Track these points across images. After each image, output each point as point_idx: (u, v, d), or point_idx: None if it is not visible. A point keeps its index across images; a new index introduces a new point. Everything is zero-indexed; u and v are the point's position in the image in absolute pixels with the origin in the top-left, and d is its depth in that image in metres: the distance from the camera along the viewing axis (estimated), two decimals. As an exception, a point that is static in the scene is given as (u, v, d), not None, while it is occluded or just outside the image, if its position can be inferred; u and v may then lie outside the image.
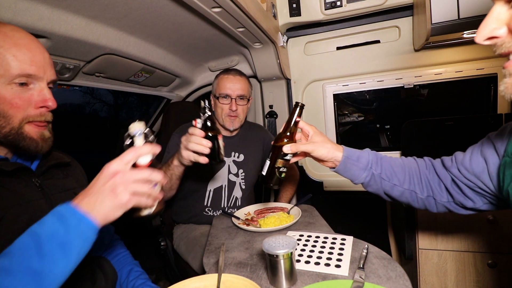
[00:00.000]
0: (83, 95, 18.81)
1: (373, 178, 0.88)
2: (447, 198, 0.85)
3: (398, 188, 0.88)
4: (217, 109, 1.46)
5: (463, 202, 0.83)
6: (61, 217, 0.57)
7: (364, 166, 0.88)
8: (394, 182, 0.88)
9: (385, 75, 1.80)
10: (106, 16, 1.14)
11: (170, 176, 1.18)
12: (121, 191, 0.59)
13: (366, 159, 0.88)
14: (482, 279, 1.23)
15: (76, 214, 0.57)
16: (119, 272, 0.97)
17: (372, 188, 0.91)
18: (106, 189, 0.59)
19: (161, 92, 2.07)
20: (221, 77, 1.47)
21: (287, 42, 1.90)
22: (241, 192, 1.55)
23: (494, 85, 1.64)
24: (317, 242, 0.95)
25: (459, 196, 0.82)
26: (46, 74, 0.71)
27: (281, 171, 0.89)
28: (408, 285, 0.69)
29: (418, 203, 0.89)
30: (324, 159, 0.89)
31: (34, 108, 0.70)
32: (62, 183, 0.82)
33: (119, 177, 0.60)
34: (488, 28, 0.49)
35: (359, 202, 1.94)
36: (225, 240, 1.06)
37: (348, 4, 1.64)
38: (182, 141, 1.04)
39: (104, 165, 0.62)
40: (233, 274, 0.73)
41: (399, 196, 0.90)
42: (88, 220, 0.57)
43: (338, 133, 1.98)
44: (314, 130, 0.91)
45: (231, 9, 1.07)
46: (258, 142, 1.63)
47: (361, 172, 0.88)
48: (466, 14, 1.28)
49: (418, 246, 1.30)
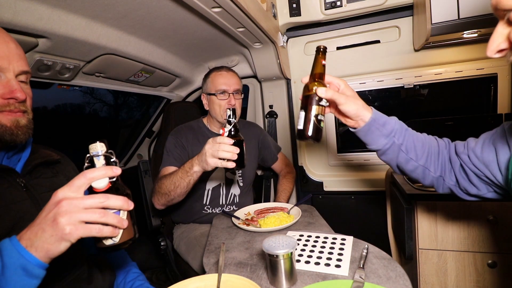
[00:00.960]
0: (83, 95, 18.85)
1: (392, 147, 0.84)
2: (454, 182, 0.86)
3: (413, 162, 0.85)
4: (214, 106, 1.47)
5: (468, 188, 0.83)
6: (0, 252, 0.53)
7: (387, 133, 0.83)
8: (411, 156, 0.85)
9: (385, 75, 1.80)
10: (106, 16, 1.14)
11: (188, 182, 1.20)
12: (64, 222, 0.52)
13: (392, 127, 0.84)
14: (482, 279, 1.23)
15: (13, 249, 0.52)
16: (116, 273, 0.96)
17: (386, 157, 0.87)
18: (48, 219, 0.53)
19: (161, 92, 2.07)
20: (214, 74, 1.49)
21: (287, 42, 1.90)
22: (239, 190, 1.55)
23: (494, 85, 1.64)
24: (317, 242, 0.95)
25: (464, 181, 0.83)
26: (11, 64, 0.69)
27: (319, 119, 0.81)
28: (408, 285, 0.69)
29: (427, 181, 0.88)
30: (351, 116, 0.83)
31: (2, 98, 0.67)
32: (50, 182, 0.79)
33: (64, 205, 0.53)
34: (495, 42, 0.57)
35: (359, 202, 1.94)
36: (225, 240, 1.06)
37: (348, 4, 1.64)
38: (206, 150, 1.08)
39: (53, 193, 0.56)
40: (233, 274, 0.73)
41: (410, 171, 0.88)
42: (27, 255, 0.52)
43: (338, 133, 1.99)
44: (345, 84, 0.84)
45: (231, 9, 1.07)
46: (253, 139, 1.65)
47: (382, 139, 0.84)
48: (466, 14, 1.28)
49: (418, 246, 1.30)
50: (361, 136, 0.86)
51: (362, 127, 0.84)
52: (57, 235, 0.52)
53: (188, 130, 1.53)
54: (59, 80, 1.34)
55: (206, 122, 1.58)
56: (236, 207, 1.52)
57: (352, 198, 1.95)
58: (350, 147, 2.00)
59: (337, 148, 1.99)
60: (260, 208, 1.32)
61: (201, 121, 1.59)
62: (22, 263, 0.52)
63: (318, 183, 2.01)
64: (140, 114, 18.62)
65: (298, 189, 2.05)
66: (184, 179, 1.20)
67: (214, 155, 1.07)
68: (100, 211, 0.55)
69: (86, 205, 0.54)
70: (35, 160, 0.78)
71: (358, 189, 1.93)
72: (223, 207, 1.51)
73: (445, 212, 1.25)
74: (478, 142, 0.81)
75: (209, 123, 1.58)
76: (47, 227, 0.53)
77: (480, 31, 1.38)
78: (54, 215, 0.53)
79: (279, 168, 1.77)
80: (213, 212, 1.51)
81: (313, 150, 2.04)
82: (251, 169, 1.61)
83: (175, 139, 1.47)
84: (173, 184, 1.22)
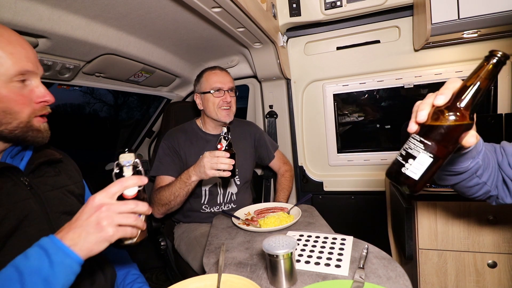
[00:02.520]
0: (83, 95, 18.86)
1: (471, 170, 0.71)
2: (496, 192, 0.78)
3: (477, 180, 0.74)
4: (209, 104, 1.48)
5: (504, 198, 0.77)
6: (45, 251, 0.57)
7: (475, 154, 0.69)
8: (478, 173, 0.73)
9: (385, 75, 1.80)
10: (106, 16, 1.14)
11: (186, 191, 1.30)
12: (106, 225, 0.59)
13: (481, 142, 0.69)
14: (482, 279, 1.23)
15: (60, 249, 0.57)
16: (116, 273, 0.96)
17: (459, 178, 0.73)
18: (91, 222, 0.59)
19: (161, 92, 2.07)
20: (208, 73, 1.51)
21: (287, 42, 1.90)
22: (236, 188, 1.56)
23: (494, 85, 1.64)
24: (317, 242, 0.95)
25: (502, 192, 0.77)
26: (39, 69, 0.72)
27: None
28: (408, 285, 0.69)
29: (479, 193, 0.78)
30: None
31: (35, 103, 0.71)
32: (53, 181, 0.81)
33: (105, 210, 0.60)
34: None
35: (359, 202, 1.94)
36: (225, 240, 1.06)
37: (348, 4, 1.64)
38: (205, 163, 1.20)
39: (89, 197, 0.62)
40: (233, 274, 0.73)
41: (468, 187, 0.76)
42: (73, 255, 0.57)
43: (338, 133, 1.99)
44: None
45: (231, 9, 1.07)
46: (248, 138, 1.66)
47: (468, 161, 0.69)
48: (466, 14, 1.28)
49: (418, 246, 1.30)
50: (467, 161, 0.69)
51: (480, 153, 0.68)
52: (102, 236, 0.59)
53: (180, 133, 1.54)
54: (59, 80, 1.34)
55: (199, 124, 1.60)
56: (234, 205, 1.53)
57: (352, 198, 1.95)
58: (350, 147, 2.00)
59: (337, 148, 1.99)
60: (260, 208, 1.32)
61: (194, 123, 1.60)
62: (68, 262, 0.57)
63: (318, 183, 2.01)
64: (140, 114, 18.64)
65: (298, 189, 2.05)
66: (183, 189, 1.30)
67: (212, 167, 1.19)
68: (133, 215, 0.64)
69: (122, 210, 0.62)
70: (38, 158, 0.79)
71: (358, 189, 1.93)
72: (221, 206, 1.52)
73: (445, 212, 1.25)
74: None
75: (202, 124, 1.59)
76: (92, 229, 0.59)
77: (480, 31, 1.38)
78: (97, 219, 0.59)
79: (276, 167, 1.77)
80: (212, 211, 1.51)
81: (313, 150, 2.04)
82: (247, 167, 1.62)
83: (167, 144, 1.50)
84: (173, 194, 1.31)
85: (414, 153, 0.56)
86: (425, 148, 0.55)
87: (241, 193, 1.57)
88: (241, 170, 1.57)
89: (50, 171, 0.82)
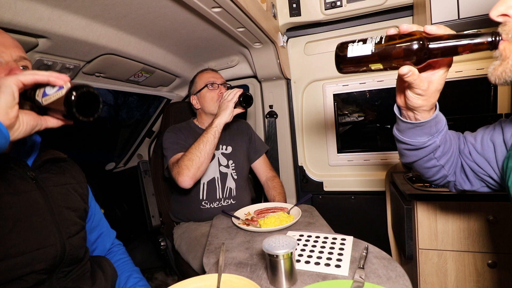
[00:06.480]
0: (83, 95, 18.79)
1: (428, 148, 0.75)
2: (454, 178, 0.83)
3: (434, 162, 0.78)
4: (206, 99, 1.53)
5: (462, 185, 0.81)
6: None
7: (434, 131, 0.73)
8: (436, 155, 0.77)
9: (385, 75, 1.80)
10: (106, 16, 1.14)
11: (213, 134, 1.32)
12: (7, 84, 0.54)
13: (443, 123, 0.73)
14: (482, 279, 1.23)
15: None
16: (117, 276, 0.97)
17: (413, 153, 0.78)
18: None
19: (161, 92, 2.07)
20: (200, 74, 1.60)
21: (287, 42, 1.90)
22: (234, 183, 1.57)
23: (494, 85, 1.64)
24: (317, 242, 0.95)
25: (460, 177, 0.81)
26: (8, 50, 0.71)
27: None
28: (408, 285, 0.69)
29: (436, 177, 0.83)
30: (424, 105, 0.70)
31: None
32: (57, 178, 0.84)
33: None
34: (506, 4, 0.50)
35: (359, 202, 1.94)
36: (225, 240, 1.06)
37: (348, 4, 1.64)
38: (220, 105, 1.35)
39: None
40: (233, 274, 0.73)
41: (426, 168, 0.81)
42: None
43: (338, 133, 1.99)
44: None
45: (231, 9, 1.07)
46: (244, 133, 1.69)
47: (424, 137, 0.73)
48: (466, 14, 1.28)
49: (418, 246, 1.30)
50: (415, 129, 0.72)
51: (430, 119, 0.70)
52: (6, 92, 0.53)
53: (182, 129, 1.57)
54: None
55: (196, 122, 1.63)
56: (234, 201, 1.53)
57: (352, 198, 1.95)
58: (350, 147, 2.00)
59: (337, 148, 1.99)
60: (260, 208, 1.32)
61: (191, 122, 1.64)
62: None
63: (318, 183, 2.01)
64: (140, 114, 18.61)
65: (298, 189, 2.05)
66: (210, 133, 1.31)
67: (226, 99, 1.33)
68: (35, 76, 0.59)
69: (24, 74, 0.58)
70: (45, 156, 0.82)
71: (358, 189, 1.93)
72: (220, 201, 1.52)
73: (445, 212, 1.25)
74: (477, 138, 0.78)
75: (200, 122, 1.62)
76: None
77: (480, 31, 1.38)
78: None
79: (263, 170, 1.71)
80: (211, 207, 1.51)
81: (313, 150, 2.04)
82: (243, 161, 1.63)
83: (172, 132, 1.52)
84: (202, 143, 1.30)
85: (368, 40, 0.63)
86: (376, 43, 0.62)
87: (240, 189, 1.58)
88: (238, 164, 1.59)
89: (55, 169, 0.85)
